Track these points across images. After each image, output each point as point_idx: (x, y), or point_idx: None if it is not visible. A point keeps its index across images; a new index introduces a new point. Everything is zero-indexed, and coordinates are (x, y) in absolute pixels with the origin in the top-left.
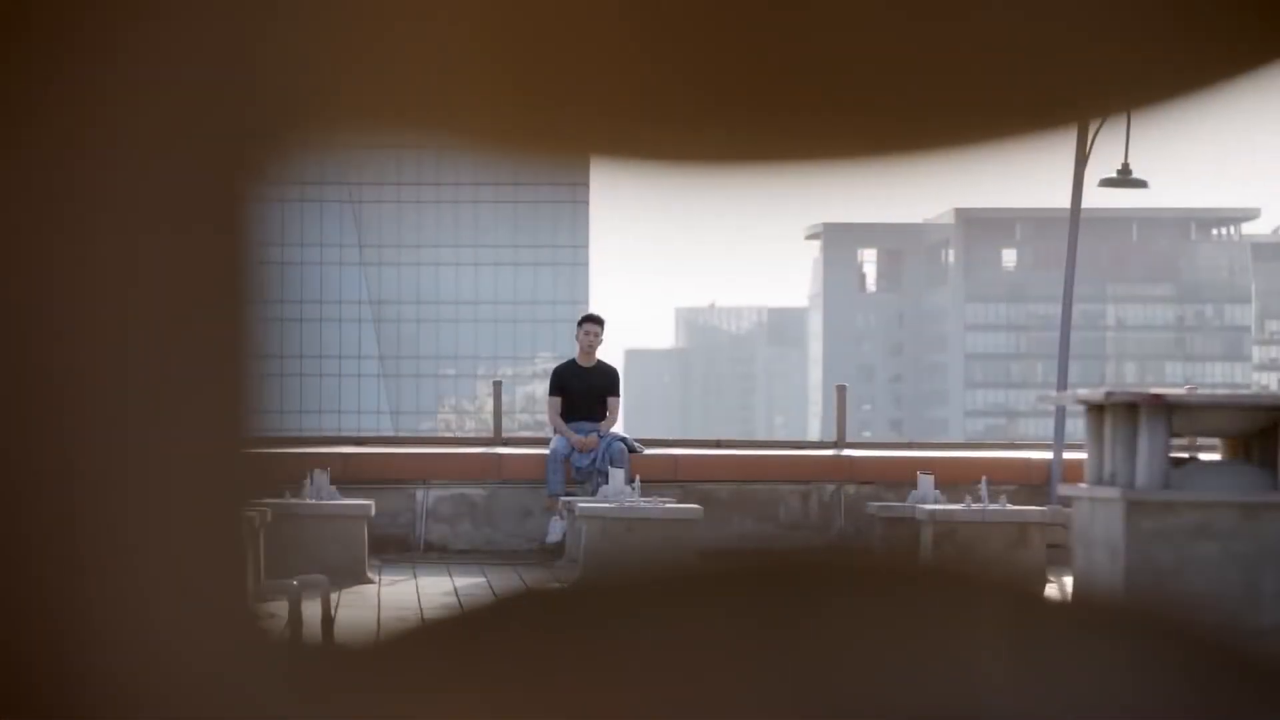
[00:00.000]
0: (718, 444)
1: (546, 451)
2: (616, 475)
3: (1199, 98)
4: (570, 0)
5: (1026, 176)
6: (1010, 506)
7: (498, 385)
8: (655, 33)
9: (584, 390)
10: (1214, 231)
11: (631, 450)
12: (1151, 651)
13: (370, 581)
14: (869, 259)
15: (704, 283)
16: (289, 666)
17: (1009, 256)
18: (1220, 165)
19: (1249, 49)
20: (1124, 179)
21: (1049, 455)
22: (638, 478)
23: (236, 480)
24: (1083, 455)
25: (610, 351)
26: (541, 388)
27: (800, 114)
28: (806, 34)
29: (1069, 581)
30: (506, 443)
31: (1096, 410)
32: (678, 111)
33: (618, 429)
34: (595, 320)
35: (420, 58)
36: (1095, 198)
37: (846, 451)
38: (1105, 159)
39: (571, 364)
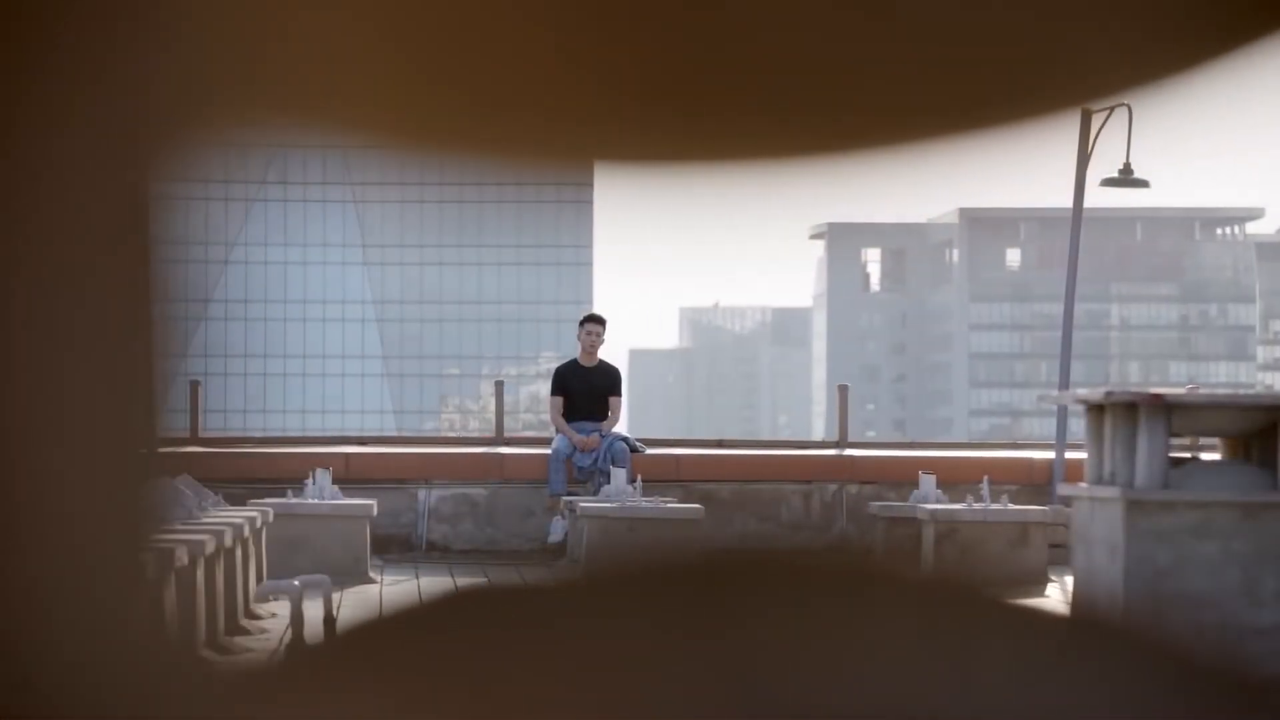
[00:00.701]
0: (719, 444)
1: (548, 451)
2: (618, 475)
3: (1198, 78)
4: (573, 2)
5: (1030, 175)
6: (1012, 506)
7: (499, 385)
8: (658, 33)
9: (586, 390)
10: (1218, 231)
11: (633, 450)
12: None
13: (372, 581)
14: (873, 258)
15: (708, 282)
16: (185, 668)
17: (1013, 256)
18: (1224, 165)
19: (1244, 24)
20: (1125, 179)
21: (1051, 455)
22: (639, 477)
23: (137, 482)
24: (1084, 455)
25: (614, 351)
26: (545, 387)
27: (802, 113)
28: (807, 34)
29: (1069, 581)
30: (508, 442)
31: (1096, 410)
32: (680, 111)
33: (619, 429)
34: (597, 320)
35: (421, 62)
36: (1099, 197)
37: (848, 451)
38: (1109, 158)
39: (573, 364)
